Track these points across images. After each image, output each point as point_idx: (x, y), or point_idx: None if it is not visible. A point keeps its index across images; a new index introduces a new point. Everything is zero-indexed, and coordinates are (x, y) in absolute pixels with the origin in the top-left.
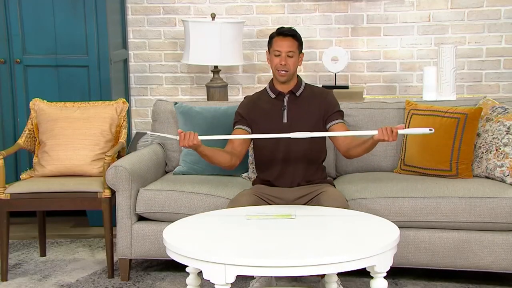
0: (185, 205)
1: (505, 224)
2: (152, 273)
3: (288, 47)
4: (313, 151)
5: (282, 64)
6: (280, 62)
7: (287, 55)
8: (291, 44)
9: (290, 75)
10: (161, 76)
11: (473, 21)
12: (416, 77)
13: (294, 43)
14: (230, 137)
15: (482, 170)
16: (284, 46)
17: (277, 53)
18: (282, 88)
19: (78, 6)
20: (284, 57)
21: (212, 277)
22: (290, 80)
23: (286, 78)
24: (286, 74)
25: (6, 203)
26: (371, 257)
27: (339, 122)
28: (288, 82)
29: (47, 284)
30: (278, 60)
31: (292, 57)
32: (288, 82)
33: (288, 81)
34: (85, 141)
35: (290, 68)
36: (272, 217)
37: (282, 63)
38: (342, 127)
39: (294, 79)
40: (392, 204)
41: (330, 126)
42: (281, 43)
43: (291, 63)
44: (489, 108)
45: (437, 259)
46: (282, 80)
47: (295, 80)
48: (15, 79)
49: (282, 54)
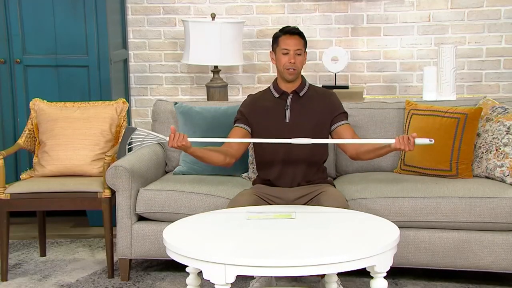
0: (185, 205)
1: (505, 224)
2: (152, 273)
3: (296, 45)
4: (314, 152)
5: (291, 62)
6: (289, 60)
7: (295, 53)
8: (298, 42)
9: (298, 74)
10: (161, 76)
11: (473, 21)
12: (416, 77)
13: (301, 41)
14: (221, 140)
15: (482, 170)
16: (292, 44)
17: (285, 51)
18: (286, 88)
19: (78, 6)
20: (292, 55)
21: (212, 277)
22: (296, 79)
23: (294, 77)
24: (294, 72)
25: (6, 203)
26: (371, 257)
27: (344, 123)
28: (293, 82)
29: (47, 284)
30: (287, 59)
31: (300, 55)
32: (293, 82)
33: (295, 79)
34: (85, 141)
35: (298, 66)
36: (272, 217)
37: (292, 61)
38: (347, 129)
39: (299, 78)
40: (392, 204)
41: (336, 128)
42: (289, 42)
43: (299, 61)
44: (489, 108)
45: (437, 259)
46: (290, 78)
47: (299, 79)
48: (15, 79)
49: (291, 52)
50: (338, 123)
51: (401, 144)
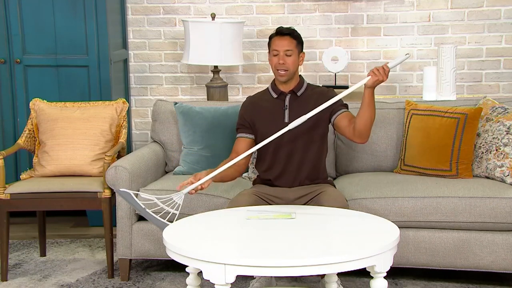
0: (185, 205)
1: (505, 224)
2: (152, 273)
3: (286, 45)
4: (314, 150)
5: (280, 63)
6: (278, 61)
7: (285, 54)
8: (289, 42)
9: (290, 74)
10: (161, 76)
11: (473, 21)
12: (416, 77)
13: (291, 41)
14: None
15: (482, 170)
16: (281, 45)
17: (275, 53)
18: (284, 88)
19: (78, 6)
20: (282, 56)
21: (212, 277)
22: (292, 80)
23: (286, 78)
24: (285, 73)
25: (6, 203)
26: (371, 257)
27: (343, 112)
28: (289, 82)
29: (47, 284)
30: (276, 60)
31: (291, 56)
32: (290, 82)
33: (288, 80)
34: (85, 141)
35: (289, 67)
36: (272, 217)
37: (280, 62)
38: (348, 115)
39: (295, 78)
40: (392, 204)
41: (336, 118)
42: (278, 42)
43: (289, 61)
44: (489, 108)
45: (437, 259)
46: (282, 80)
47: (296, 79)
48: (15, 79)
49: (280, 53)
50: (336, 113)
51: (377, 75)
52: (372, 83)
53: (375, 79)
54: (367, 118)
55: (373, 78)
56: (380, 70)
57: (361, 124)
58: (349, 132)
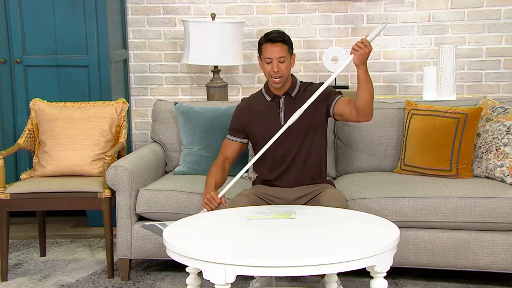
0: (185, 205)
1: (505, 224)
2: (152, 273)
3: (278, 53)
4: (313, 149)
5: (275, 71)
6: (273, 69)
7: (278, 61)
8: (281, 49)
9: (284, 80)
10: (161, 76)
11: (473, 21)
12: (416, 77)
13: (283, 48)
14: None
15: (482, 170)
16: (274, 52)
17: (268, 60)
18: (277, 91)
19: (78, 6)
20: (276, 64)
21: (212, 277)
22: (285, 82)
23: (281, 84)
24: (280, 80)
25: (6, 203)
26: (371, 257)
27: (339, 98)
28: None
29: (47, 284)
30: (270, 68)
31: (284, 62)
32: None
33: (281, 86)
34: (85, 141)
35: (284, 73)
36: (272, 217)
37: (275, 70)
38: (345, 100)
39: (288, 80)
40: (392, 204)
41: (334, 106)
42: (270, 50)
43: (283, 68)
44: (489, 108)
45: (437, 259)
46: (276, 87)
47: (289, 81)
48: (15, 79)
49: (274, 61)
50: (333, 102)
51: (358, 50)
52: (358, 59)
53: (358, 54)
54: (367, 95)
55: (356, 54)
56: (359, 44)
57: (362, 102)
58: (352, 114)
